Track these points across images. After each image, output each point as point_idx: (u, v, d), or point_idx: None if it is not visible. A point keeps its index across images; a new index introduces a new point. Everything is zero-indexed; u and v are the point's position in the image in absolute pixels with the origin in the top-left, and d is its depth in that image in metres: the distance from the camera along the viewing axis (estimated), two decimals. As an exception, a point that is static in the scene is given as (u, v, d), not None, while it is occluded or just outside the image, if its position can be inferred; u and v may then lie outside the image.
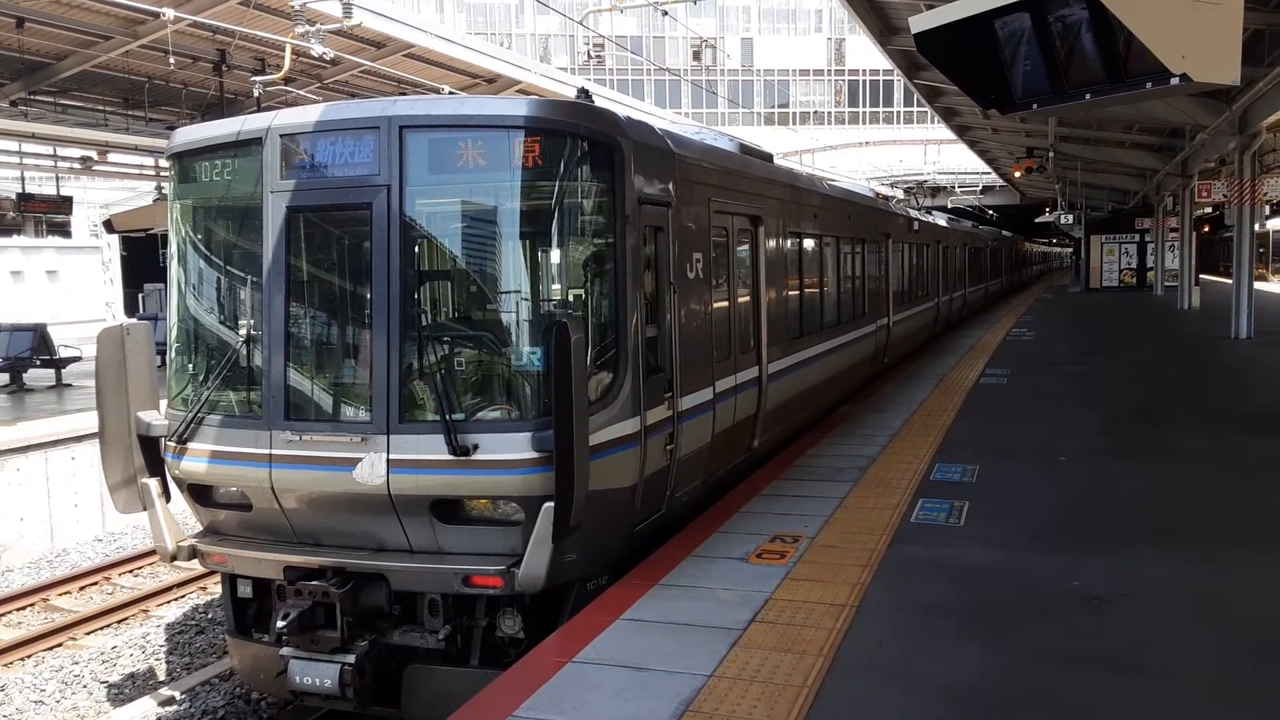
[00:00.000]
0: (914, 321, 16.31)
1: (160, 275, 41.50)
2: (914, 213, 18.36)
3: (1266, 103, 15.47)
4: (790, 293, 9.13)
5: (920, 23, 6.17)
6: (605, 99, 10.44)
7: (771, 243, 8.47)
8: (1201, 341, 17.61)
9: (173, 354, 6.21)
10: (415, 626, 5.50)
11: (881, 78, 70.92)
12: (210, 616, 8.99)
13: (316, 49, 12.09)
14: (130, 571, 10.29)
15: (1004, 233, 39.37)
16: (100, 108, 16.36)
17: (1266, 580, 5.17)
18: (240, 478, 5.68)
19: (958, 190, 48.30)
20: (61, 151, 18.70)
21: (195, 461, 5.78)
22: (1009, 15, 5.82)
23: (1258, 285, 17.71)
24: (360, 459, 5.29)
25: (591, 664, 4.33)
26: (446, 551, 5.40)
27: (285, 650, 5.41)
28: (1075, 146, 25.93)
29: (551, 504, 4.94)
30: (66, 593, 9.72)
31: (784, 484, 7.66)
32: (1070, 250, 64.56)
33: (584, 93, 6.93)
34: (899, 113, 73.08)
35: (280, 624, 5.28)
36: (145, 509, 6.01)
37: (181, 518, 6.37)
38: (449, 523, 5.36)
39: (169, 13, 11.90)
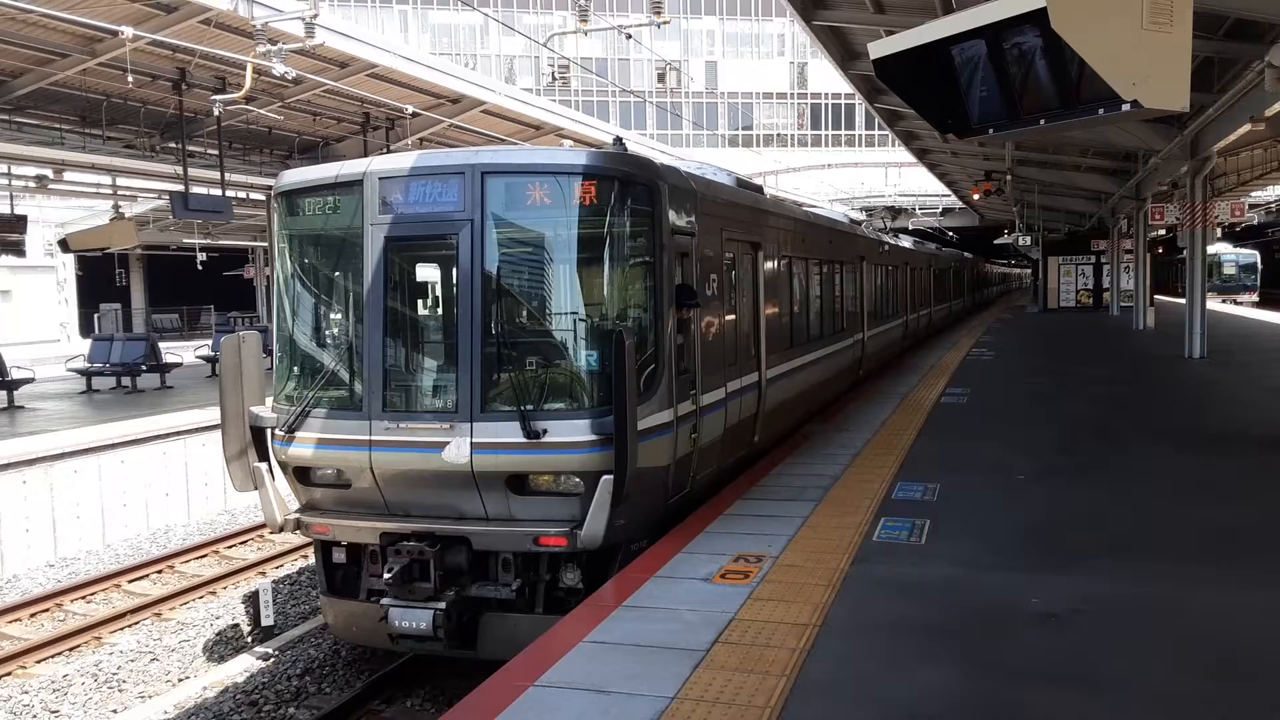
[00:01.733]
0: (886, 337, 17.70)
1: (116, 295, 40.95)
2: (885, 237, 19.66)
3: (1216, 128, 15.87)
4: (783, 308, 10.38)
5: (879, 49, 6.28)
6: (639, 145, 11.61)
7: (769, 265, 9.74)
8: (1156, 361, 17.94)
9: (278, 359, 7.38)
10: (490, 581, 6.68)
11: (843, 101, 71.91)
12: (164, 643, 8.81)
13: (278, 68, 12.04)
14: (83, 598, 10.06)
15: (966, 254, 40.41)
16: (57, 125, 16.11)
17: (1219, 596, 5.25)
18: (343, 460, 6.85)
19: (918, 212, 48.93)
20: (16, 170, 18.39)
21: (302, 448, 6.93)
22: (965, 42, 5.94)
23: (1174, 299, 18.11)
24: (448, 443, 6.46)
25: (554, 687, 4.30)
26: (517, 518, 6.61)
27: (386, 600, 6.59)
28: (1032, 170, 26.41)
29: (609, 477, 6.15)
30: (16, 619, 9.47)
31: (748, 503, 7.68)
32: (1029, 271, 65.58)
33: (619, 141, 8.15)
34: (860, 136, 74.09)
35: (386, 576, 6.51)
36: (257, 488, 7.13)
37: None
38: (520, 494, 6.56)
39: (128, 31, 11.78)
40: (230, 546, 11.79)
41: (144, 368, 17.97)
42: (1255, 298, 44.93)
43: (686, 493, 7.47)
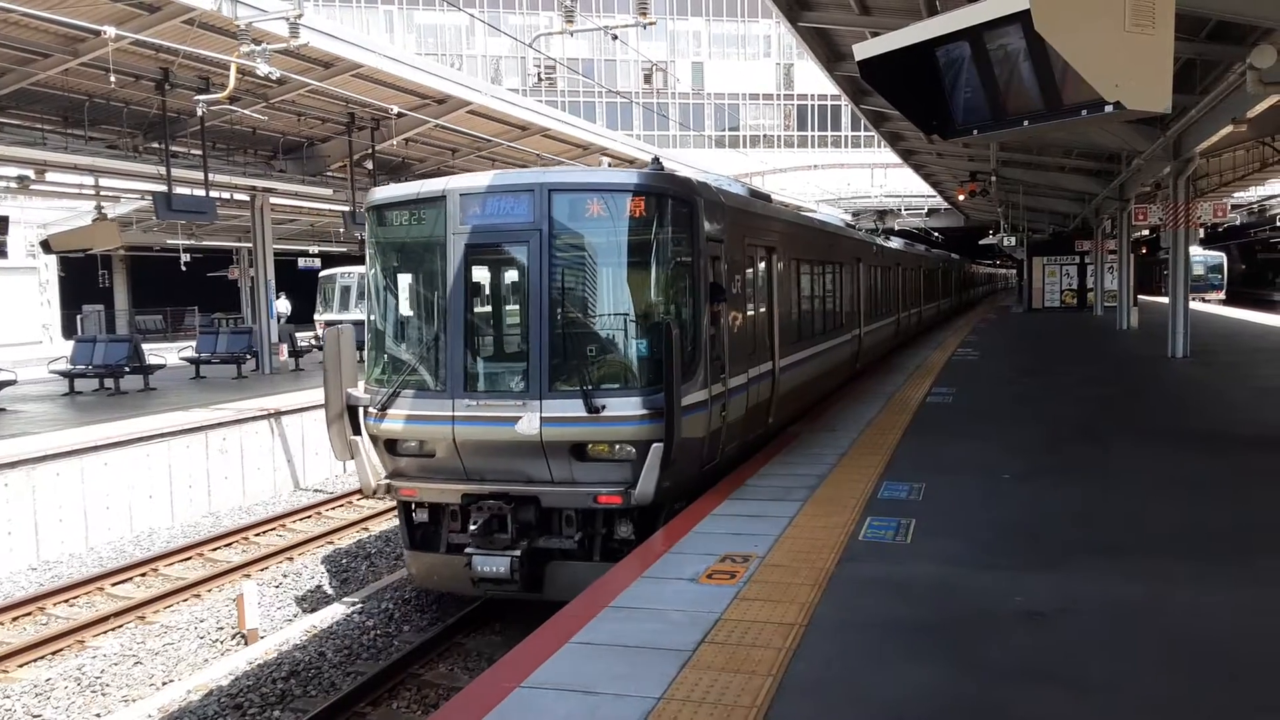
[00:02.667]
0: (880, 333, 18.90)
1: (99, 296, 40.68)
2: (879, 240, 20.91)
3: (1199, 129, 15.98)
4: (793, 305, 11.54)
5: (864, 50, 6.29)
6: (671, 162, 13.40)
7: (780, 266, 10.88)
8: (1140, 361, 18.05)
9: (370, 348, 8.52)
10: (555, 534, 7.85)
11: (829, 103, 72.06)
12: (148, 647, 8.75)
13: (262, 68, 11.98)
14: (66, 601, 9.99)
15: (953, 255, 40.98)
16: (38, 126, 15.98)
17: (1205, 594, 5.29)
18: (429, 434, 8.02)
19: (904, 213, 49.13)
20: (-3, 170, 18.25)
21: (393, 423, 8.10)
22: (949, 44, 5.96)
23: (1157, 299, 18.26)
24: (520, 417, 7.62)
25: (540, 689, 4.29)
26: (578, 481, 7.73)
27: (470, 549, 7.75)
28: (1017, 170, 26.54)
29: (659, 445, 7.35)
30: (-2, 624, 9.41)
31: (735, 503, 7.69)
32: (1013, 271, 65.91)
33: (656, 161, 9.21)
34: (847, 137, 74.28)
35: (471, 529, 7.73)
36: (353, 457, 8.23)
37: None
38: (581, 460, 7.70)
39: (110, 31, 11.70)
40: (214, 549, 11.73)
41: (127, 369, 17.87)
42: (1223, 295, 49.02)
43: (716, 462, 8.66)
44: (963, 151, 24.27)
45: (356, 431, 8.25)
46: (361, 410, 8.27)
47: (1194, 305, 21.58)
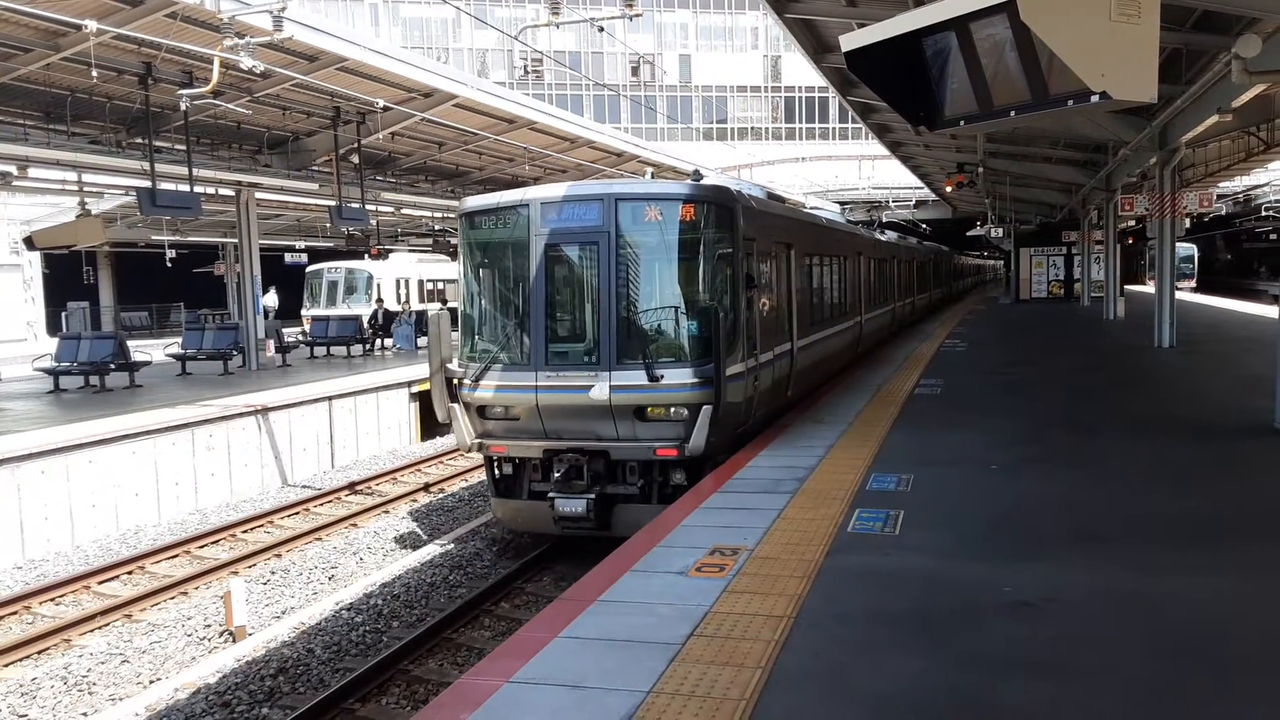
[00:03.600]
0: (878, 321, 20.40)
1: (83, 293, 40.41)
2: (877, 234, 23.06)
3: (1185, 119, 16.02)
4: (807, 294, 13.12)
5: (850, 41, 6.27)
6: (708, 171, 15.75)
7: (796, 260, 12.40)
8: (1127, 351, 18.13)
9: (463, 330, 10.07)
10: (621, 482, 9.45)
11: (817, 95, 72.05)
12: (135, 645, 8.70)
13: (246, 62, 11.87)
14: (52, 600, 9.93)
15: (943, 248, 41.73)
16: (20, 121, 15.82)
17: (1189, 583, 5.31)
18: (515, 400, 9.50)
19: (892, 205, 49.16)
20: (-21, 166, 18.06)
21: (484, 392, 9.60)
22: (935, 34, 5.94)
23: (1148, 289, 18.35)
24: (593, 385, 9.09)
25: (528, 684, 4.28)
26: (640, 438, 9.27)
27: (553, 493, 9.34)
28: (1004, 162, 26.58)
29: (709, 407, 8.89)
30: (-17, 624, 9.34)
31: (725, 496, 7.69)
32: (1001, 263, 66.11)
33: (697, 173, 11.36)
34: (834, 129, 74.25)
35: (555, 477, 9.34)
36: (451, 420, 9.79)
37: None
38: (642, 420, 9.23)
39: (92, 25, 11.57)
40: (201, 546, 11.67)
41: (112, 366, 17.75)
42: (1194, 284, 51.58)
43: (749, 424, 10.29)
44: (950, 143, 24.28)
45: (454, 399, 9.82)
46: (457, 381, 9.82)
47: (1186, 296, 21.63)
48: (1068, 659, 4.35)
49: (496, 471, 10.05)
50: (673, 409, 9.14)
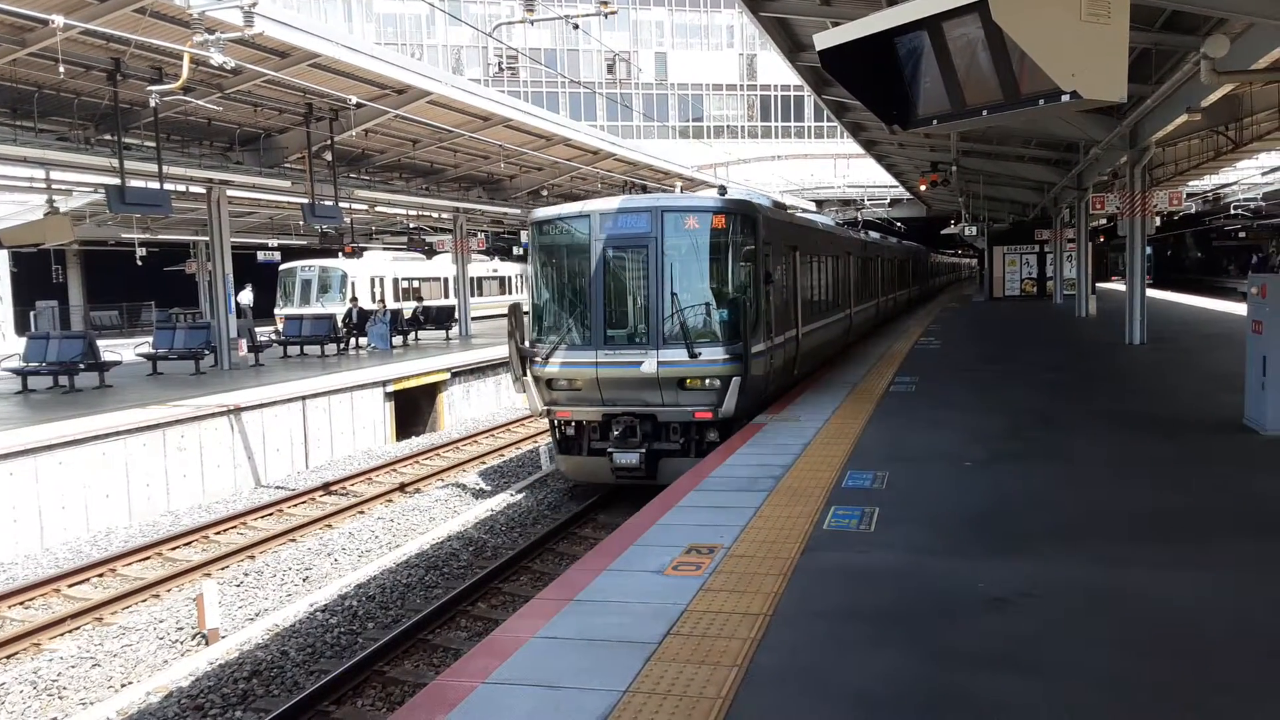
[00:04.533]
0: (865, 314, 22.61)
1: (53, 292, 39.84)
2: (863, 234, 25.22)
3: (1155, 119, 16.20)
4: (809, 289, 15.27)
5: (824, 40, 6.27)
6: (734, 186, 16.47)
7: (800, 260, 14.49)
8: (1098, 348, 18.32)
9: (533, 317, 11.98)
10: (665, 439, 11.47)
11: (793, 93, 72.31)
12: (106, 649, 8.59)
13: (216, 58, 11.74)
14: (21, 604, 9.78)
15: (921, 247, 43.08)
16: (-15, 118, 15.59)
17: (1162, 577, 5.37)
18: (579, 374, 11.48)
19: (867, 203, 49.40)
20: (-56, 164, 17.75)
21: (552, 368, 11.59)
22: (908, 34, 5.96)
23: (1116, 287, 18.56)
24: (644, 361, 11.10)
25: (504, 684, 4.26)
26: (681, 403, 11.26)
27: (611, 449, 11.40)
28: (977, 160, 26.76)
29: (738, 378, 10.96)
30: (-51, 629, 9.18)
31: (701, 494, 7.69)
32: (975, 261, 66.61)
33: (723, 189, 12.98)
34: (810, 127, 74.56)
35: (614, 435, 11.41)
36: (525, 391, 11.77)
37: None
38: (683, 390, 11.20)
39: (58, 20, 11.40)
40: (174, 548, 11.54)
41: (82, 366, 17.51)
42: (1150, 280, 52.61)
43: (766, 394, 12.34)
44: (924, 142, 24.42)
45: (525, 373, 11.75)
46: (529, 360, 11.75)
47: (1153, 293, 21.93)
48: (1042, 654, 4.38)
49: (560, 433, 12.12)
50: (708, 380, 11.21)
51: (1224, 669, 4.19)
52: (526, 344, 11.79)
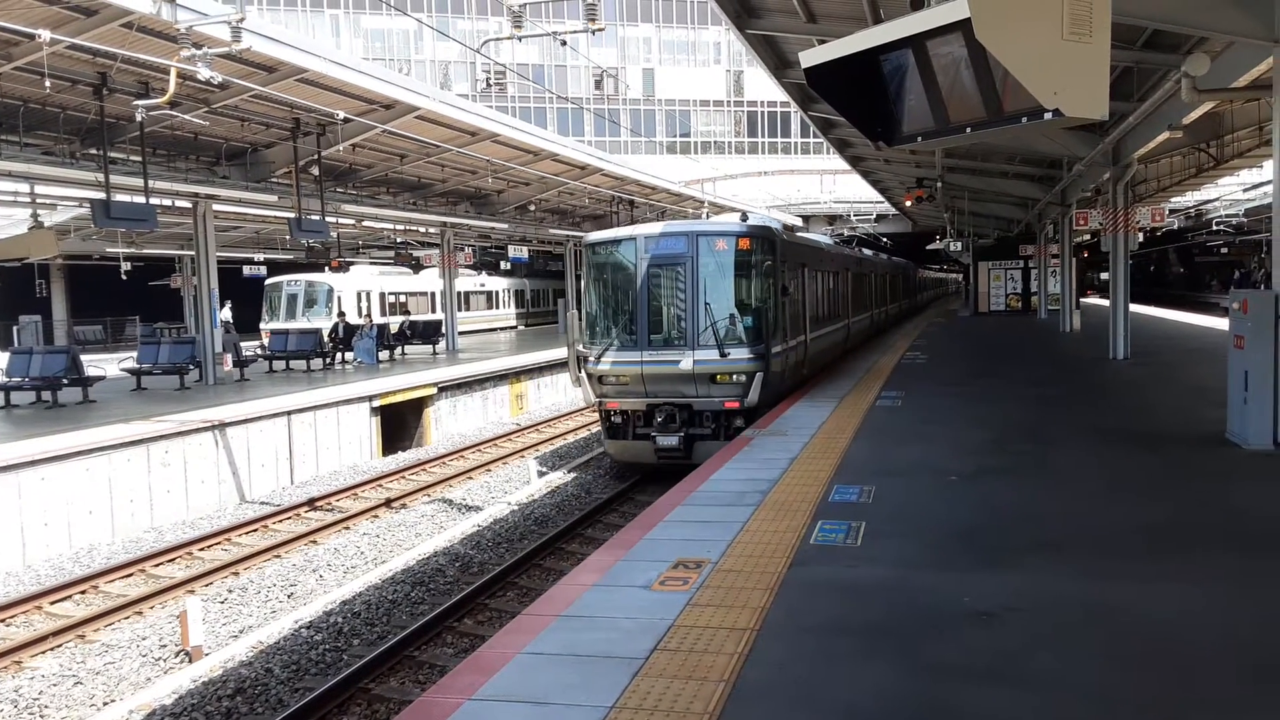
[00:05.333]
0: (862, 324, 24.90)
1: (36, 307, 39.61)
2: (859, 252, 27.77)
3: (1137, 136, 16.37)
4: (815, 301, 17.48)
5: (809, 58, 6.34)
6: (757, 213, 19.38)
7: (808, 276, 16.68)
8: (1082, 363, 18.43)
9: (586, 324, 13.98)
10: (699, 426, 13.46)
11: (779, 109, 72.68)
12: (88, 666, 8.51)
13: (203, 73, 11.74)
14: (2, 621, 9.68)
15: (909, 263, 44.49)
16: (-30, 132, 15.53)
17: (1147, 591, 5.40)
18: (626, 371, 13.52)
19: (853, 218, 49.66)
20: (-73, 177, 17.64)
21: (604, 366, 13.65)
22: (893, 52, 6.04)
23: (1096, 302, 18.74)
24: (681, 360, 13.17)
25: (490, 701, 4.24)
26: (713, 395, 13.32)
27: (654, 433, 13.43)
28: (962, 177, 26.97)
29: (761, 373, 13.13)
30: (-72, 647, 9.07)
31: (689, 509, 7.69)
32: (960, 276, 66.99)
33: (744, 215, 15.78)
34: (796, 143, 74.94)
35: (657, 421, 13.46)
36: (580, 385, 14.06)
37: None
38: (714, 384, 13.21)
39: (45, 34, 11.38)
40: (157, 565, 11.45)
41: (65, 381, 17.38)
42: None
43: (782, 389, 14.47)
44: (909, 158, 24.60)
45: (580, 369, 13.97)
46: (583, 358, 13.91)
47: (1137, 309, 22.13)
48: (1029, 668, 4.40)
49: (608, 421, 14.22)
50: (735, 376, 13.37)
51: (1208, 683, 4.21)
52: (579, 346, 14.38)
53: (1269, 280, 9.53)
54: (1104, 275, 64.62)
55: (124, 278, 31.46)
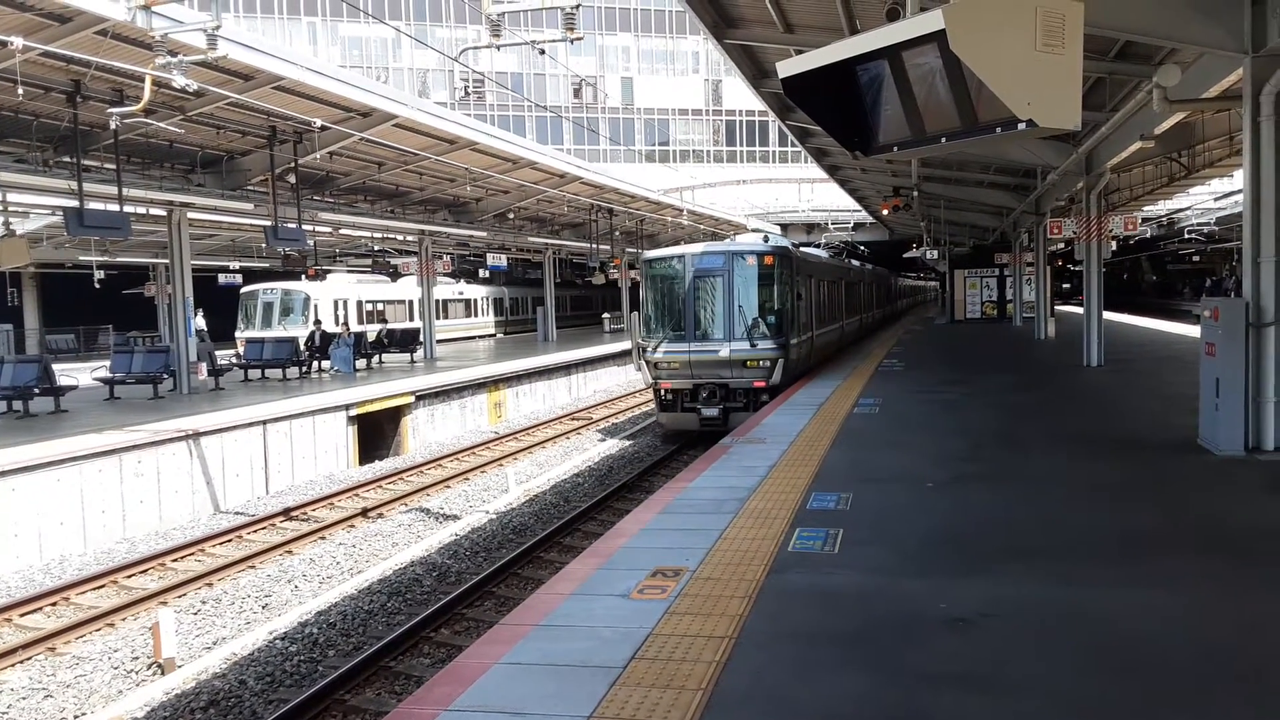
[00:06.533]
0: (854, 325, 28.58)
1: (7, 315, 39.14)
2: (850, 263, 31.22)
3: (1110, 145, 16.57)
4: (818, 306, 21.00)
5: (787, 68, 6.37)
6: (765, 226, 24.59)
7: (814, 284, 20.38)
8: (1057, 370, 18.60)
9: (644, 323, 17.71)
10: (734, 400, 17.25)
11: (757, 119, 73.03)
12: (59, 679, 8.39)
13: (179, 80, 11.64)
14: (-31, 635, 9.53)
15: (889, 271, 46.07)
16: (-59, 139, 15.34)
17: (1121, 596, 5.44)
18: (676, 359, 17.27)
19: (831, 227, 49.89)
20: (-104, 184, 17.40)
21: (660, 355, 17.38)
22: (869, 63, 6.07)
23: (1074, 309, 18.98)
24: (720, 349, 17.10)
25: (467, 711, 4.21)
26: (745, 376, 17.09)
27: (700, 406, 17.37)
28: (938, 186, 27.19)
29: (782, 359, 17.08)
30: (-106, 661, 8.91)
31: (668, 517, 7.68)
32: (936, 284, 67.46)
33: (766, 237, 19.97)
34: (774, 152, 75.31)
35: (703, 396, 17.38)
36: (640, 370, 17.83)
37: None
38: (744, 368, 17.04)
39: (18, 41, 11.27)
40: (129, 576, 11.32)
41: (36, 391, 17.16)
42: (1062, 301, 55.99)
43: (797, 372, 18.14)
44: (886, 167, 24.77)
45: (640, 358, 17.76)
46: (642, 349, 17.70)
47: (1110, 316, 22.47)
48: (1004, 674, 4.42)
49: (661, 398, 18.02)
50: (762, 361, 17.06)
51: (1181, 688, 4.25)
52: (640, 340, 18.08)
53: (1240, 288, 9.66)
54: (1065, 285, 65.23)
55: (97, 286, 31.11)
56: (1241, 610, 5.18)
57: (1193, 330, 27.16)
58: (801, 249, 21.94)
